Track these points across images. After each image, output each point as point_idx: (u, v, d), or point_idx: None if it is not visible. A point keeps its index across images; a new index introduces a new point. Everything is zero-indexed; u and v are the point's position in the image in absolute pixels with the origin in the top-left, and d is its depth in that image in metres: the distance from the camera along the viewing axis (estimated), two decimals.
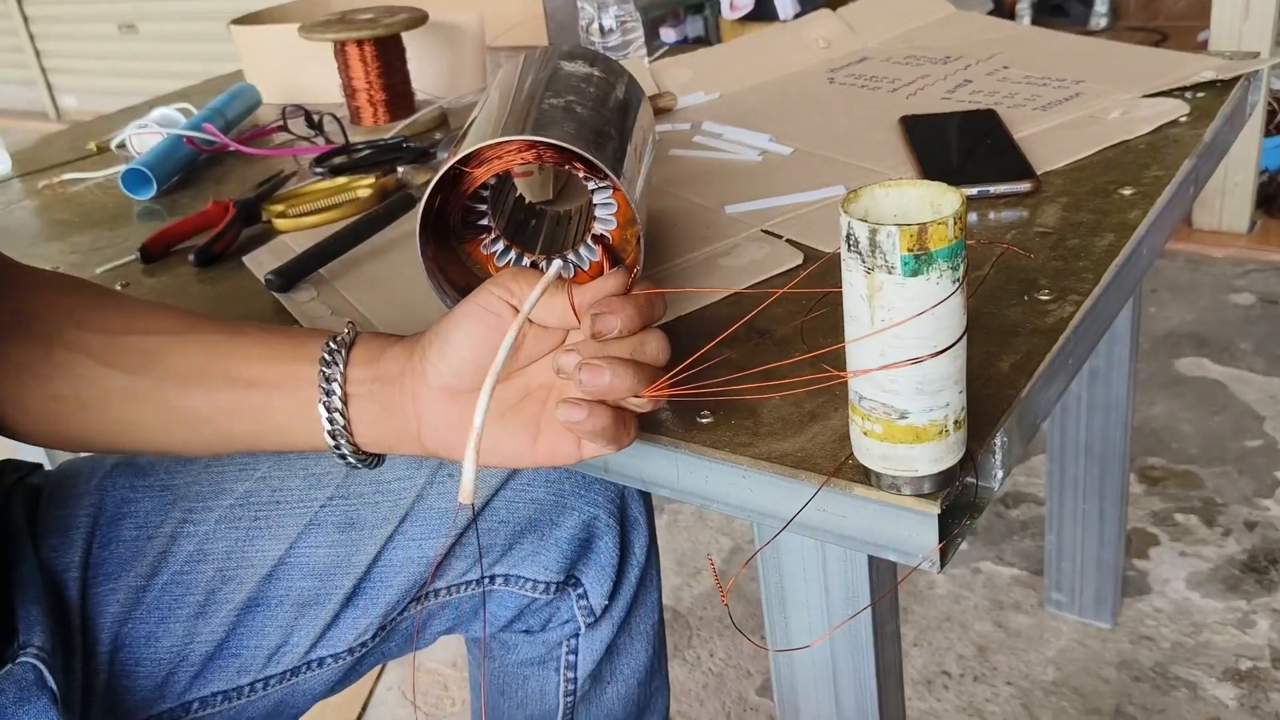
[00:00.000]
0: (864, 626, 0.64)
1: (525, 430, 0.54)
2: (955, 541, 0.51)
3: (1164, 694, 1.29)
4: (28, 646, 0.56)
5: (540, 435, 0.53)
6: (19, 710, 0.54)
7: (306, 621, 0.68)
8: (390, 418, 0.55)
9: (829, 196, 0.81)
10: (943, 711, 1.32)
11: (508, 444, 0.54)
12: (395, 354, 0.55)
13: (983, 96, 0.96)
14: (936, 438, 0.48)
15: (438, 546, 0.70)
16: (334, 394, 0.54)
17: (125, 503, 0.67)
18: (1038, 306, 0.63)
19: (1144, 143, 0.83)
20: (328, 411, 0.55)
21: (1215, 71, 0.92)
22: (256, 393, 0.56)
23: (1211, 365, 1.87)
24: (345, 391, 0.55)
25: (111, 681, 0.64)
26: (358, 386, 0.55)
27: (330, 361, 0.55)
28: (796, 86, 1.08)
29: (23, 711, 0.54)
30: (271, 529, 0.68)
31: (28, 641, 0.57)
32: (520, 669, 0.81)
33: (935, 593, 1.49)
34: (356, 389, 0.55)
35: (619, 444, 0.52)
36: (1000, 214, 0.76)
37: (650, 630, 0.82)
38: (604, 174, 0.63)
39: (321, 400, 0.55)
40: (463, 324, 0.53)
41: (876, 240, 0.43)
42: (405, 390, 0.54)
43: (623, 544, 0.77)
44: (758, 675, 1.41)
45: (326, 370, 0.55)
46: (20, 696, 0.54)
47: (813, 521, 0.54)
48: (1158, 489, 1.61)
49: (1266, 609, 1.38)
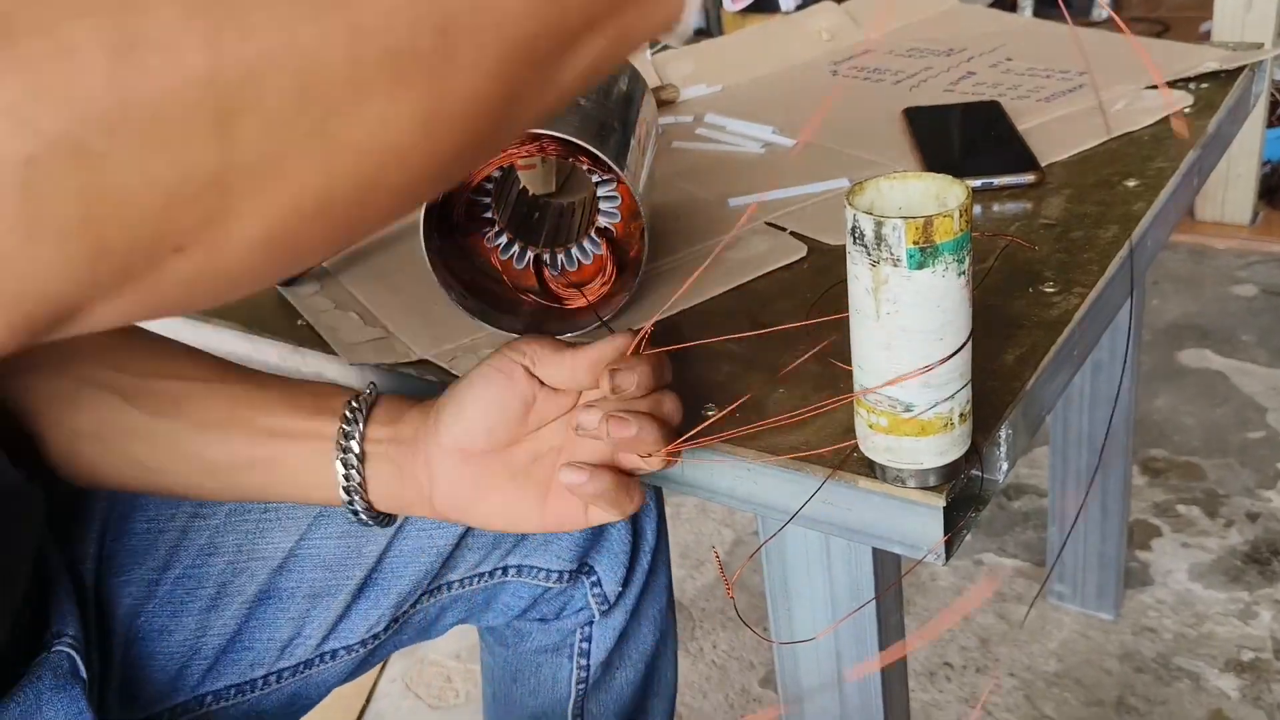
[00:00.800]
0: (868, 619, 0.64)
1: (535, 494, 0.55)
2: (960, 534, 0.51)
3: (1166, 685, 1.30)
4: (62, 635, 0.56)
5: (549, 499, 0.55)
6: (55, 697, 0.54)
7: (318, 613, 0.69)
8: (404, 479, 0.56)
9: (833, 189, 0.81)
10: (945, 703, 1.32)
11: (517, 507, 0.55)
12: (413, 416, 0.56)
13: (986, 88, 0.96)
14: (942, 431, 0.48)
15: (447, 536, 0.70)
16: (351, 451, 0.56)
17: (136, 496, 0.67)
18: (1042, 299, 0.63)
19: (1148, 134, 0.83)
20: (344, 468, 0.56)
21: (1219, 62, 0.91)
22: (276, 444, 0.57)
23: (1214, 357, 1.87)
24: (363, 450, 0.56)
25: (126, 674, 0.64)
26: (375, 446, 0.56)
27: (351, 420, 0.56)
28: (800, 79, 1.07)
29: (58, 699, 0.54)
30: (281, 521, 0.68)
31: (62, 630, 0.57)
32: (534, 656, 0.81)
33: (938, 584, 1.49)
34: (374, 448, 0.56)
35: (622, 510, 0.53)
36: (1004, 206, 0.76)
37: (658, 614, 0.83)
38: (608, 167, 0.63)
39: (339, 457, 0.56)
40: (475, 384, 0.54)
41: (882, 233, 0.43)
42: (419, 453, 0.55)
43: (635, 531, 0.77)
44: (760, 667, 1.41)
45: (347, 428, 0.56)
46: (56, 684, 0.54)
47: (818, 514, 0.54)
48: (1160, 481, 1.61)
49: (1268, 600, 1.39)
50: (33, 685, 0.53)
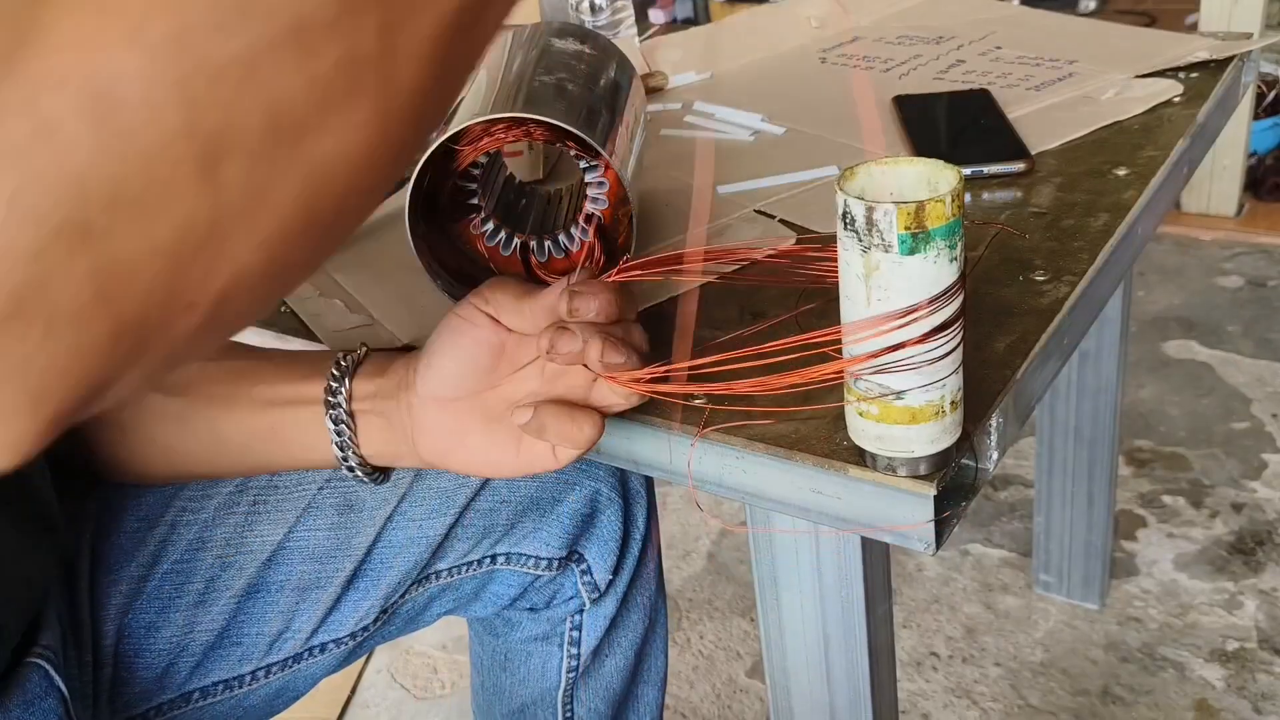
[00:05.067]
0: (856, 607, 0.64)
1: (509, 439, 0.56)
2: (950, 523, 0.51)
3: (1151, 675, 1.30)
4: (33, 645, 0.56)
5: (522, 444, 0.56)
6: (25, 714, 0.53)
7: (308, 606, 0.68)
8: (391, 430, 0.58)
9: (822, 177, 0.80)
10: (931, 692, 1.32)
11: (493, 452, 0.56)
12: (396, 368, 0.58)
13: (976, 76, 0.95)
14: (933, 418, 0.47)
15: (437, 526, 0.70)
16: (339, 408, 0.58)
17: (128, 496, 0.66)
18: (1033, 287, 0.63)
19: (1138, 123, 0.83)
20: (334, 424, 0.58)
21: (1209, 52, 0.91)
22: (273, 413, 0.59)
23: (1199, 348, 1.87)
24: (350, 407, 0.58)
25: (115, 674, 0.63)
26: (362, 403, 0.58)
27: (338, 378, 0.58)
28: (788, 66, 1.07)
29: (29, 715, 0.53)
30: (270, 513, 0.68)
31: (35, 639, 0.56)
32: (523, 645, 0.81)
33: (924, 575, 1.49)
34: (361, 405, 0.58)
35: (575, 442, 0.54)
36: (994, 194, 0.75)
37: (648, 602, 0.82)
38: (596, 152, 0.63)
39: (328, 415, 0.58)
40: (443, 335, 0.56)
41: (873, 218, 0.43)
42: (402, 403, 0.57)
43: (626, 518, 0.77)
44: (748, 657, 1.41)
45: (333, 385, 0.58)
46: (25, 702, 0.53)
47: (806, 503, 0.54)
48: (1145, 471, 1.62)
49: (1253, 590, 1.39)
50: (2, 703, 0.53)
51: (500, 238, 0.68)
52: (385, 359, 0.59)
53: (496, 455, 0.56)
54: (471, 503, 0.71)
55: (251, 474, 0.66)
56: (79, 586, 0.62)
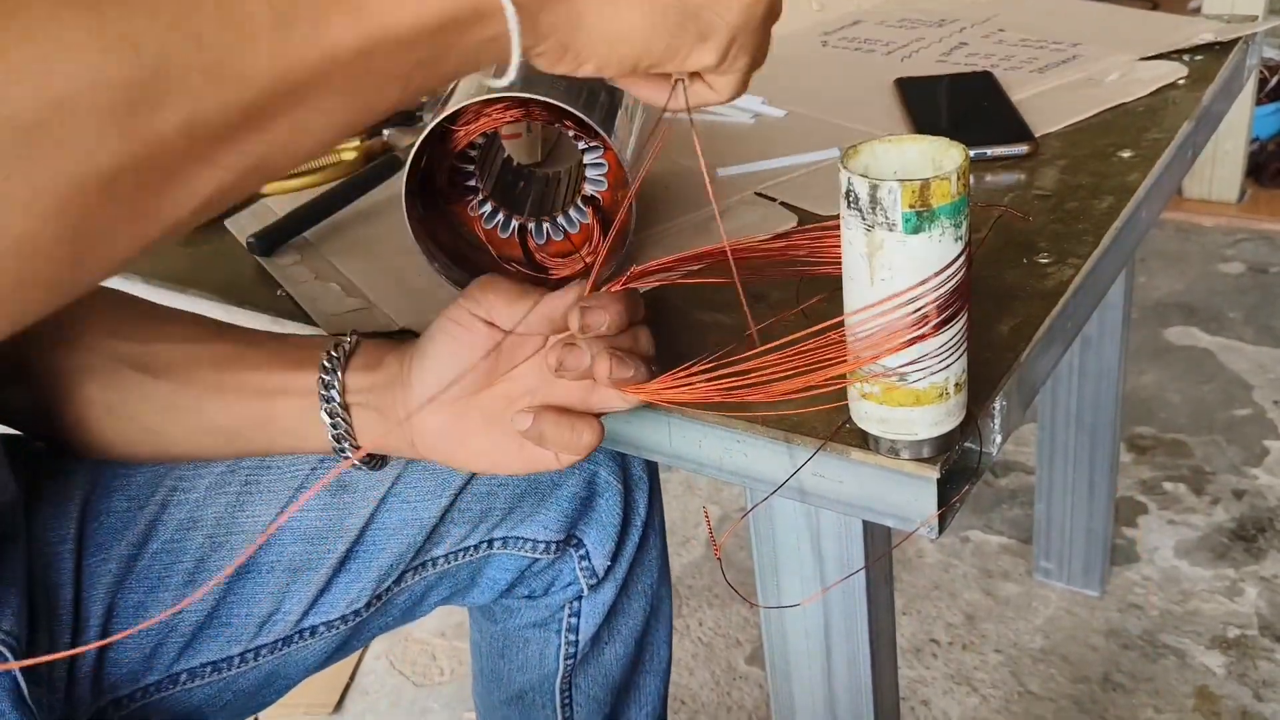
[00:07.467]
0: (857, 592, 0.64)
1: (510, 440, 0.55)
2: (954, 507, 0.50)
3: (1152, 662, 1.30)
4: None
5: (523, 444, 0.55)
6: None
7: (298, 587, 0.67)
8: (386, 423, 0.57)
9: (823, 159, 0.80)
10: (931, 679, 1.32)
11: (495, 451, 0.56)
12: (390, 362, 0.57)
13: (979, 59, 0.94)
14: (936, 401, 0.47)
15: (431, 509, 0.69)
16: (334, 400, 0.57)
17: (118, 476, 0.66)
18: (1037, 269, 0.62)
19: (1142, 105, 0.82)
20: (330, 416, 0.57)
21: (1214, 34, 0.90)
22: (266, 402, 0.59)
23: (1201, 334, 1.87)
24: (345, 399, 0.57)
25: (100, 653, 0.63)
26: (356, 395, 0.57)
27: (330, 369, 0.57)
28: (790, 49, 1.06)
29: None
30: (262, 493, 0.67)
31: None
32: (522, 632, 0.80)
33: (924, 561, 1.49)
34: (355, 397, 0.57)
35: (575, 449, 0.53)
36: (998, 177, 0.75)
37: (649, 589, 0.82)
38: (595, 133, 0.62)
39: (323, 406, 0.57)
40: (435, 339, 0.55)
41: (877, 196, 0.42)
42: (398, 400, 0.56)
43: (626, 503, 0.76)
44: (747, 644, 1.41)
45: (326, 377, 0.57)
46: None
47: (808, 486, 0.53)
48: (1146, 458, 1.61)
49: (1254, 577, 1.39)
50: None
51: (498, 220, 0.67)
52: (377, 350, 0.58)
53: (498, 457, 0.56)
54: (467, 486, 0.70)
55: (240, 458, 0.66)
56: (60, 567, 0.62)
